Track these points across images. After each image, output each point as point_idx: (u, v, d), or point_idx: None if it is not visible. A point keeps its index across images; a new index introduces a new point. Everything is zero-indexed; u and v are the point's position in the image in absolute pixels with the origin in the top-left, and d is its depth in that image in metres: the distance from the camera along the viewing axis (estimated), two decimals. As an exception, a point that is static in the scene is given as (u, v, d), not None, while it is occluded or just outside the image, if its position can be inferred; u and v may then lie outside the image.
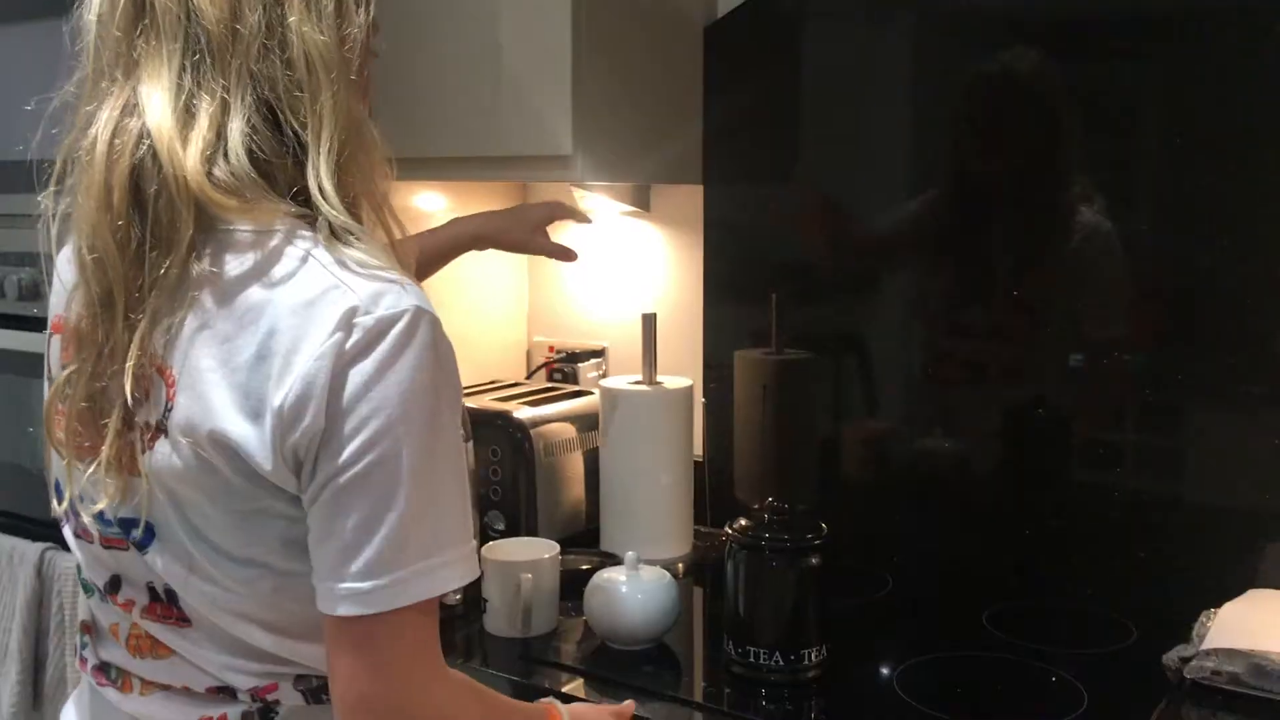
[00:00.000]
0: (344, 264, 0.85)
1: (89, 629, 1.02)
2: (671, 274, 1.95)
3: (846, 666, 1.34)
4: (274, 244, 0.86)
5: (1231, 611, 1.35)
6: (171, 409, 0.85)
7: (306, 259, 0.85)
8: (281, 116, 0.86)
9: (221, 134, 0.84)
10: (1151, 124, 1.53)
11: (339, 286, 0.83)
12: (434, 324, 0.85)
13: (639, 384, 1.73)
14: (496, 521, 1.70)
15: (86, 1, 0.89)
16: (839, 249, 1.78)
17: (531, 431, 1.70)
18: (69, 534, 0.99)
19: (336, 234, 0.86)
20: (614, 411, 1.71)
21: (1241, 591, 1.40)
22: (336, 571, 0.84)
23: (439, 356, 0.85)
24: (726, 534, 1.33)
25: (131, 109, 0.85)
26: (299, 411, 0.82)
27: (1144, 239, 1.53)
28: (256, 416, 0.83)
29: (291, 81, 0.85)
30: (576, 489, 1.77)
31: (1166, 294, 1.52)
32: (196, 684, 0.93)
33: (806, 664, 1.29)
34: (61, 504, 0.94)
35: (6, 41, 1.81)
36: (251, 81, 0.85)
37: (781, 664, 1.28)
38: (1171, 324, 1.52)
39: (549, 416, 1.75)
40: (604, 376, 1.98)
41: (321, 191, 0.85)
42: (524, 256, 2.08)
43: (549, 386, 1.93)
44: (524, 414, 1.72)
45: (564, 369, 2.03)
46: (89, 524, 0.93)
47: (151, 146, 0.84)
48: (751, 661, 1.29)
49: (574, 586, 1.46)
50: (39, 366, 1.02)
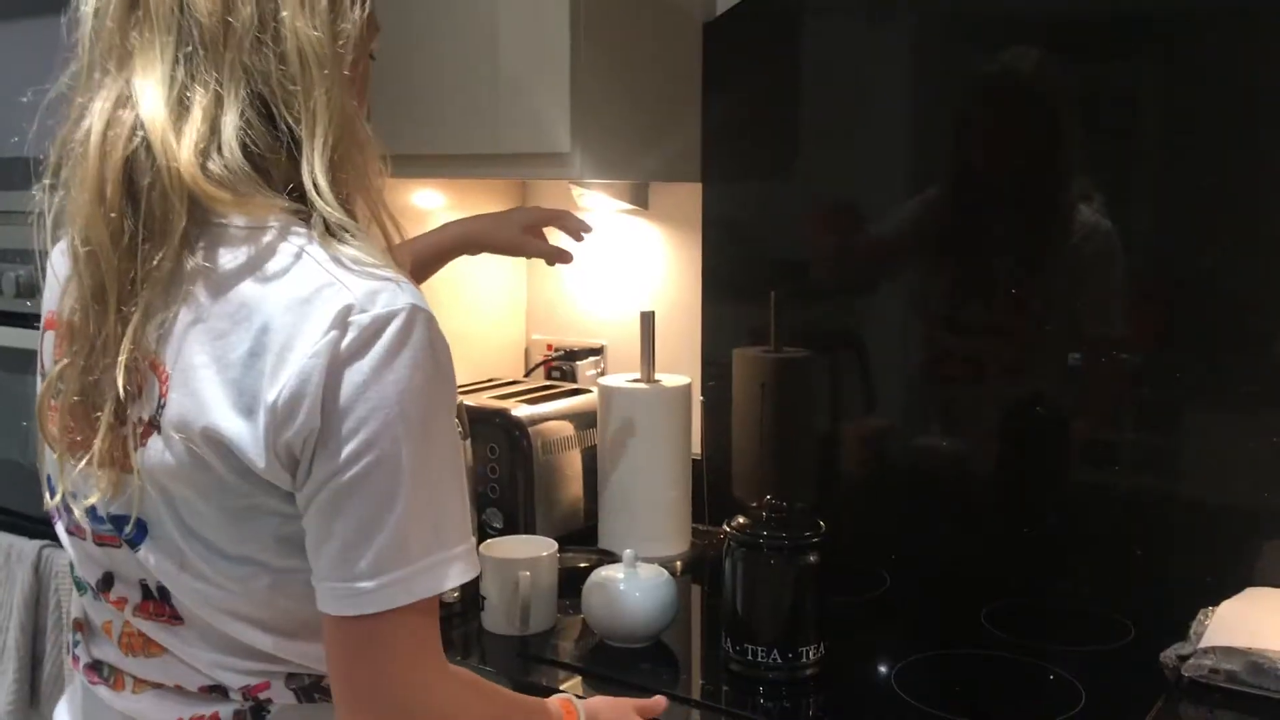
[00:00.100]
0: (339, 261, 0.84)
1: (81, 627, 1.02)
2: (670, 272, 1.95)
3: (844, 664, 1.34)
4: (268, 239, 0.85)
5: (1229, 609, 1.35)
6: (164, 405, 0.85)
7: (301, 255, 0.85)
8: (275, 111, 0.85)
9: (215, 127, 0.84)
10: (1151, 123, 1.53)
11: (334, 284, 0.83)
12: (430, 322, 0.85)
13: (637, 382, 1.73)
14: (494, 519, 1.70)
15: None
16: (838, 247, 1.78)
17: (530, 429, 1.70)
18: (61, 531, 0.98)
19: (332, 231, 0.85)
20: (612, 409, 1.71)
21: (1239, 590, 1.40)
22: (338, 571, 0.84)
23: (435, 354, 0.85)
24: (725, 532, 1.33)
25: (125, 101, 0.85)
26: (293, 409, 0.81)
27: (1143, 238, 1.53)
28: (250, 413, 0.82)
29: (285, 76, 0.85)
30: (575, 487, 1.77)
31: (1165, 293, 1.52)
32: (189, 683, 0.93)
33: (804, 662, 1.29)
34: (54, 499, 0.94)
35: (4, 38, 1.80)
36: (245, 75, 0.84)
37: (779, 662, 1.28)
38: (1170, 323, 1.52)
39: (547, 414, 1.75)
40: (602, 374, 1.98)
41: (316, 187, 0.85)
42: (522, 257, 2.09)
43: (547, 384, 1.93)
44: (522, 412, 1.72)
45: (562, 367, 2.02)
46: (81, 521, 0.92)
47: (145, 138, 0.83)
48: (749, 659, 1.29)
49: (572, 584, 1.46)
50: (36, 364, 1.01)
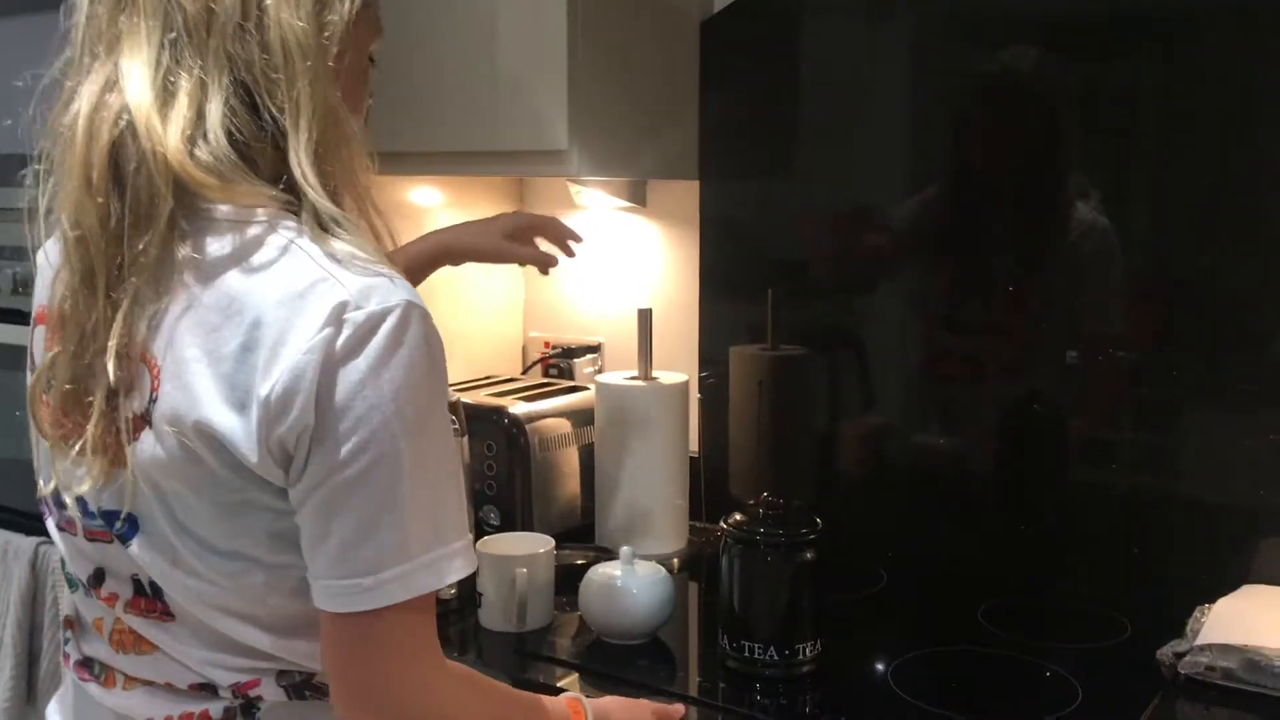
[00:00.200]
0: (333, 256, 0.84)
1: (72, 624, 1.01)
2: (668, 269, 1.95)
3: (841, 661, 1.34)
4: (259, 231, 0.85)
5: (1226, 607, 1.35)
6: (156, 399, 0.85)
7: (294, 249, 0.84)
8: (259, 100, 0.85)
9: (201, 114, 0.84)
10: (1150, 123, 1.53)
11: (327, 279, 0.82)
12: (425, 319, 0.85)
13: (635, 379, 1.73)
14: (492, 516, 1.70)
15: None
16: (836, 246, 1.78)
17: (527, 427, 1.70)
18: (52, 527, 0.98)
19: (323, 224, 0.85)
20: (609, 407, 1.71)
21: (1236, 587, 1.41)
22: (336, 569, 0.84)
23: (431, 351, 0.85)
24: (722, 529, 1.33)
25: (112, 85, 0.85)
26: (285, 404, 0.81)
27: (1142, 237, 1.53)
28: (242, 408, 0.82)
29: (268, 65, 0.84)
30: (572, 484, 1.77)
31: (1164, 292, 1.52)
32: (179, 680, 0.92)
33: (801, 659, 1.29)
34: (48, 486, 0.93)
35: (2, 34, 1.80)
36: (228, 63, 0.84)
37: (776, 659, 1.28)
38: (1169, 322, 1.52)
39: (544, 412, 1.75)
40: (600, 372, 1.98)
41: (305, 177, 0.85)
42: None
43: (545, 382, 1.93)
44: (519, 409, 1.72)
45: (560, 364, 2.02)
46: (72, 516, 0.92)
47: (130, 122, 0.83)
48: (746, 656, 1.29)
49: (569, 581, 1.46)
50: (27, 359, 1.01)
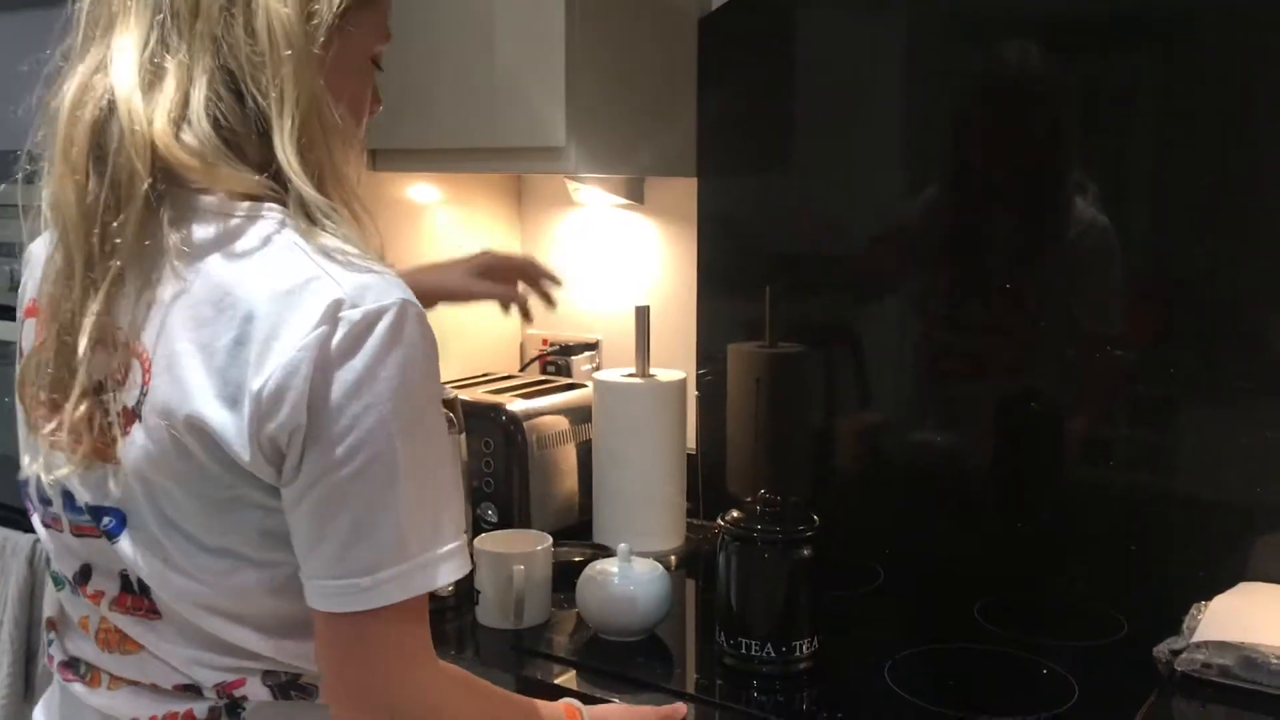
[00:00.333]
0: (324, 250, 0.83)
1: (55, 625, 1.00)
2: (665, 267, 1.95)
3: (838, 658, 1.34)
4: (248, 221, 0.85)
5: (1222, 604, 1.35)
6: (147, 393, 0.84)
7: (285, 242, 0.84)
8: (244, 87, 0.85)
9: (187, 98, 0.84)
10: (1149, 121, 1.53)
11: (321, 276, 0.82)
12: (420, 317, 0.84)
13: (632, 376, 1.73)
14: (489, 513, 1.70)
15: None
16: (834, 242, 1.78)
17: (524, 424, 1.70)
18: (37, 523, 0.97)
19: (310, 214, 0.85)
20: (607, 404, 1.71)
21: (1232, 584, 1.41)
22: (333, 568, 0.83)
23: (426, 350, 0.85)
24: (719, 526, 1.33)
25: (102, 66, 0.85)
26: (277, 400, 0.80)
27: (1140, 236, 1.53)
28: (235, 403, 0.81)
29: (253, 50, 0.84)
30: (569, 481, 1.77)
31: (1161, 290, 1.52)
32: (164, 680, 0.92)
33: (798, 655, 1.29)
34: (32, 465, 0.91)
35: (6, 28, 1.79)
36: (214, 47, 0.84)
37: (773, 655, 1.28)
38: (1165, 320, 1.52)
39: (542, 409, 1.75)
40: (597, 369, 1.98)
41: (288, 164, 0.84)
42: (518, 250, 2.09)
43: (542, 379, 1.93)
44: (517, 406, 1.72)
45: (557, 361, 2.03)
46: (58, 512, 0.92)
47: (112, 102, 0.84)
48: (743, 653, 1.30)
49: (566, 578, 1.46)
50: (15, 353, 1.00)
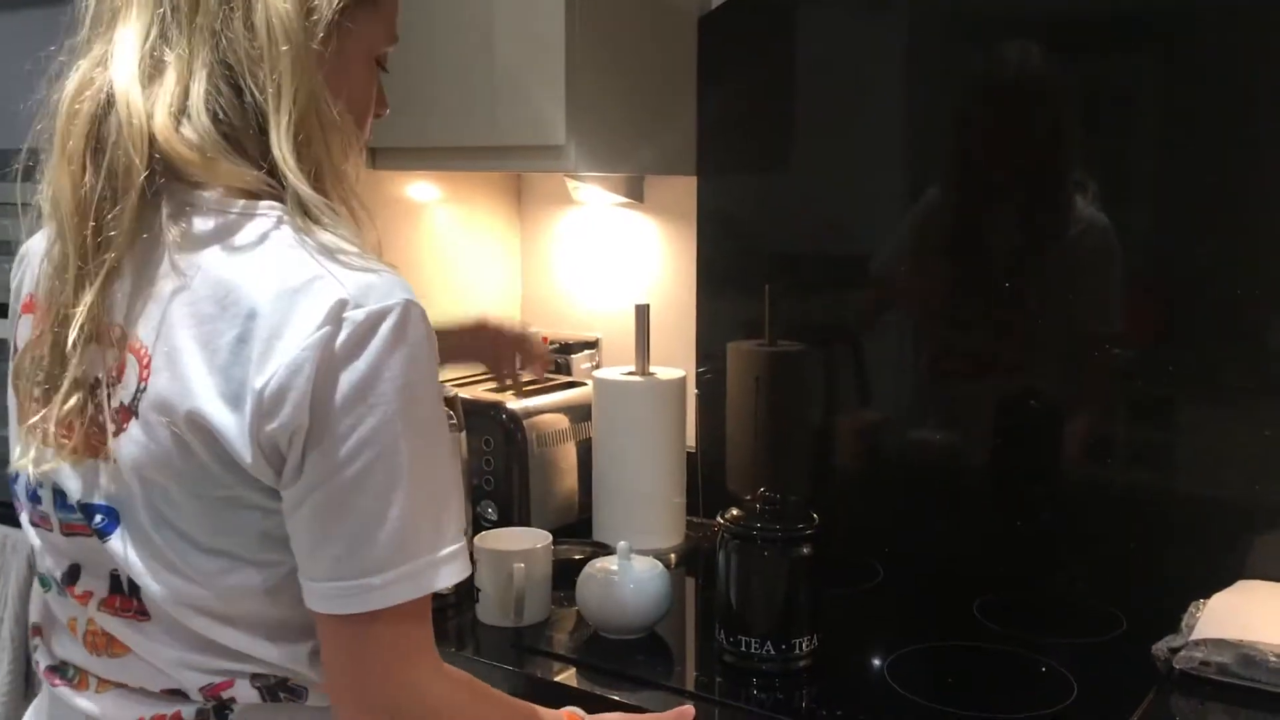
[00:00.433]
0: (325, 249, 0.83)
1: (40, 630, 1.00)
2: (665, 265, 1.95)
3: (838, 656, 1.34)
4: (247, 219, 0.85)
5: (1221, 602, 1.35)
6: (145, 389, 0.84)
7: (285, 239, 0.84)
8: (243, 82, 0.85)
9: (187, 91, 0.84)
10: (1150, 121, 1.53)
11: (324, 276, 0.82)
12: (423, 317, 0.84)
13: (632, 375, 1.73)
14: (489, 511, 1.71)
15: None
16: (833, 242, 1.78)
17: (524, 422, 1.70)
18: (25, 522, 0.96)
19: (308, 211, 0.85)
20: (607, 402, 1.71)
21: (1231, 582, 1.41)
22: (337, 570, 0.83)
23: (429, 350, 0.85)
24: (719, 524, 1.33)
25: (103, 61, 0.86)
26: (279, 400, 0.80)
27: (1141, 235, 1.53)
28: (237, 401, 0.81)
29: (251, 45, 0.84)
30: (569, 479, 1.78)
31: (1161, 289, 1.52)
32: (151, 684, 0.91)
33: (798, 653, 1.29)
34: (22, 459, 0.91)
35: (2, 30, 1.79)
36: (214, 41, 0.85)
37: (773, 653, 1.29)
38: (1165, 319, 1.52)
39: (542, 407, 1.75)
40: (597, 367, 1.98)
41: (285, 160, 0.84)
42: (517, 250, 2.09)
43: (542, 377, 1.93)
44: (517, 404, 1.72)
45: (557, 360, 2.03)
46: (48, 510, 0.91)
47: (111, 95, 0.84)
48: (743, 651, 1.30)
49: (566, 576, 1.46)
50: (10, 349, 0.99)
